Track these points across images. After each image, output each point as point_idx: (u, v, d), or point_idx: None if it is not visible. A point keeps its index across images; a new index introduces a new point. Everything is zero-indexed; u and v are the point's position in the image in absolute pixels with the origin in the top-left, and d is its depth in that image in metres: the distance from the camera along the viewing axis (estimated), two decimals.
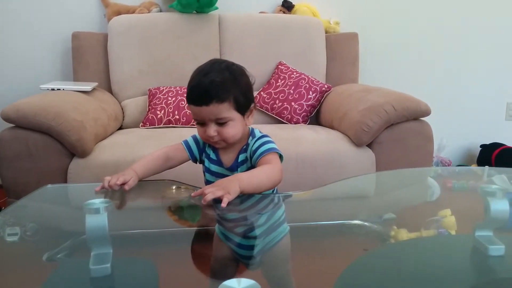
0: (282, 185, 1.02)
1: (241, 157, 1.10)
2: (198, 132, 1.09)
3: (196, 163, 1.19)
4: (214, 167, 1.12)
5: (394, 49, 2.64)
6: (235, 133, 1.05)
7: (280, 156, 1.07)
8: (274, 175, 1.00)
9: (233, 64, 1.07)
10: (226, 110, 1.01)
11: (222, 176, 1.10)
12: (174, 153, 1.15)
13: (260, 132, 1.13)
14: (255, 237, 0.83)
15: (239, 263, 0.75)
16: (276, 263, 0.73)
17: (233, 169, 1.10)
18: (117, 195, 1.01)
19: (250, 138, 1.11)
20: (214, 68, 1.03)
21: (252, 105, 1.09)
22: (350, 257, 0.74)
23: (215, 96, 0.99)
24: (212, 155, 1.13)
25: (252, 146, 1.08)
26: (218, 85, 0.99)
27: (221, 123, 1.03)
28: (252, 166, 1.08)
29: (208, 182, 1.14)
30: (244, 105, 1.05)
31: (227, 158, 1.11)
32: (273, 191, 1.10)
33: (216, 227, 0.90)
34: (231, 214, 0.92)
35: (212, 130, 1.03)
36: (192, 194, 0.94)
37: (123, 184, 1.01)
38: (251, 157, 1.08)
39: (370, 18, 2.59)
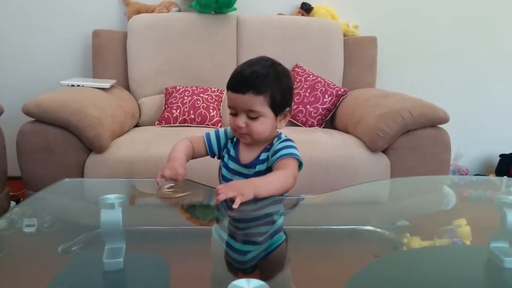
0: (295, 188, 1.02)
1: (263, 155, 1.10)
2: (230, 122, 1.09)
3: (214, 157, 1.19)
4: (231, 164, 1.13)
5: (412, 54, 2.61)
6: (263, 130, 1.05)
7: (300, 164, 1.07)
8: (287, 182, 1.00)
9: (280, 64, 1.08)
10: (260, 104, 1.02)
11: (237, 173, 1.11)
12: (197, 145, 1.16)
13: (286, 136, 1.13)
14: (250, 243, 0.81)
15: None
16: (272, 271, 0.72)
17: (251, 166, 1.10)
18: (132, 191, 1.02)
19: (276, 139, 1.11)
20: (260, 62, 1.05)
21: (288, 109, 1.09)
22: (361, 263, 0.73)
23: (253, 86, 1.00)
24: (232, 152, 1.13)
25: (275, 146, 1.08)
26: (259, 76, 1.01)
27: (252, 117, 1.03)
28: (270, 167, 1.08)
29: (223, 177, 1.14)
30: (279, 105, 1.05)
31: (247, 156, 1.11)
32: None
33: (213, 228, 0.89)
34: (231, 216, 0.91)
35: (242, 121, 1.03)
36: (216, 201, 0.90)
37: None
38: (271, 156, 1.08)
39: (390, 23, 2.57)
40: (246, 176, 1.10)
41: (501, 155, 2.58)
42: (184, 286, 0.63)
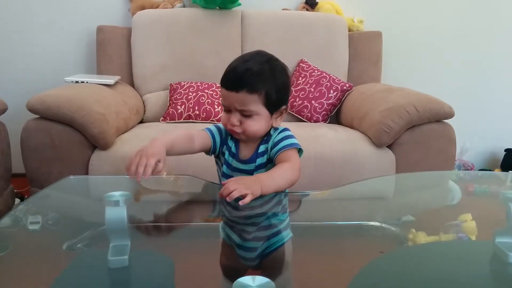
0: (300, 183, 1.01)
1: (262, 148, 1.08)
2: (222, 118, 1.06)
3: (211, 155, 1.15)
4: (231, 160, 1.10)
5: (418, 49, 2.60)
6: (257, 129, 1.03)
7: (300, 150, 1.06)
8: (293, 176, 0.99)
9: (276, 60, 1.05)
10: (254, 102, 0.99)
11: (237, 169, 1.09)
12: (199, 139, 1.09)
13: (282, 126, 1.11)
14: (254, 240, 0.80)
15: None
16: (274, 269, 0.70)
17: (250, 161, 1.08)
18: (137, 188, 1.02)
19: (273, 130, 1.09)
20: (255, 58, 1.01)
21: (284, 107, 1.06)
22: (366, 258, 0.73)
23: (246, 85, 0.97)
24: (233, 149, 1.10)
25: (275, 138, 1.06)
26: (253, 74, 0.98)
27: (246, 115, 1.01)
28: (270, 158, 1.06)
29: (223, 174, 1.12)
30: (274, 103, 1.03)
31: (246, 151, 1.09)
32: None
33: (220, 226, 0.88)
34: (237, 214, 0.91)
35: (236, 119, 1.01)
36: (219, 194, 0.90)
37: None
38: (271, 149, 1.06)
39: (395, 17, 2.55)
40: (246, 172, 1.08)
41: (506, 150, 2.56)
42: (189, 283, 0.63)
